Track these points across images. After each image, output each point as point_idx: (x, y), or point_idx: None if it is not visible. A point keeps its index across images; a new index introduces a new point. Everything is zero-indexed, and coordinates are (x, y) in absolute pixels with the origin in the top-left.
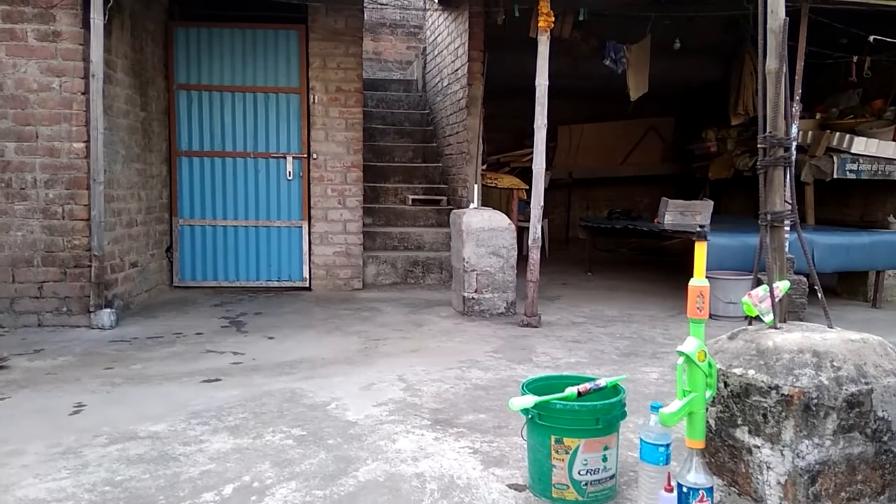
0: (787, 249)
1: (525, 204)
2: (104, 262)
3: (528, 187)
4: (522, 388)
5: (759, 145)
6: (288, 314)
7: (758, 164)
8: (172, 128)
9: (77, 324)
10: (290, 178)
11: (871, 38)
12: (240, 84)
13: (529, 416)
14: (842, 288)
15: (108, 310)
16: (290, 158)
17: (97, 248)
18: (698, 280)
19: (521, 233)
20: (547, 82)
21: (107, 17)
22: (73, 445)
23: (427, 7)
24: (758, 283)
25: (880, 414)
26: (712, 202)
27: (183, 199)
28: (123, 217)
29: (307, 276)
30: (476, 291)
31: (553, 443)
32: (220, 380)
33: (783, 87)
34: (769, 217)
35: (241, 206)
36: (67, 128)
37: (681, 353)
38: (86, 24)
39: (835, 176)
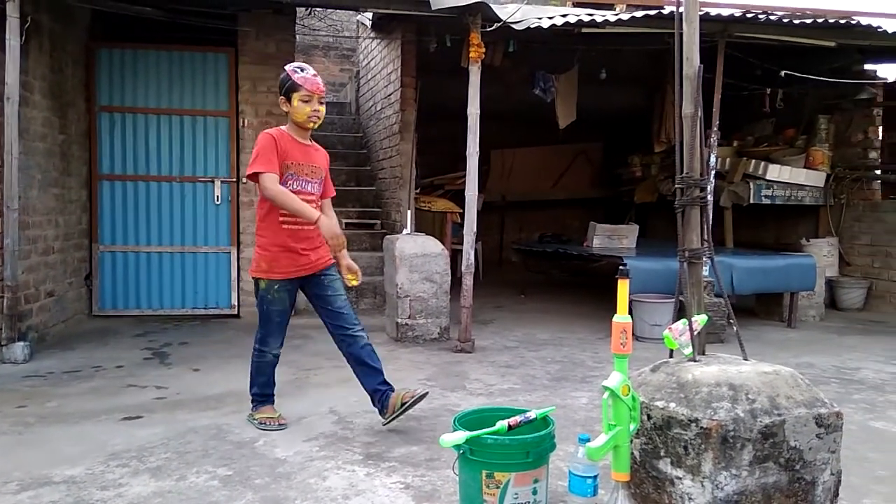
0: (706, 273)
1: (459, 227)
2: (18, 293)
3: (461, 210)
4: (454, 422)
5: (676, 185)
6: (215, 343)
7: (675, 203)
8: (94, 151)
9: None
10: (218, 203)
11: (783, 72)
12: (166, 106)
13: (461, 451)
14: (759, 309)
15: (22, 343)
16: (218, 183)
17: (10, 277)
18: (621, 317)
19: (455, 256)
20: (478, 111)
21: (24, 38)
22: None
23: (360, 34)
24: (680, 308)
25: (792, 444)
26: (638, 226)
27: (104, 225)
28: (39, 244)
29: (236, 304)
30: (410, 317)
31: (484, 477)
32: (141, 417)
33: (699, 130)
34: (687, 254)
35: (167, 231)
36: None
37: (606, 388)
38: (0, 46)
39: (751, 201)
